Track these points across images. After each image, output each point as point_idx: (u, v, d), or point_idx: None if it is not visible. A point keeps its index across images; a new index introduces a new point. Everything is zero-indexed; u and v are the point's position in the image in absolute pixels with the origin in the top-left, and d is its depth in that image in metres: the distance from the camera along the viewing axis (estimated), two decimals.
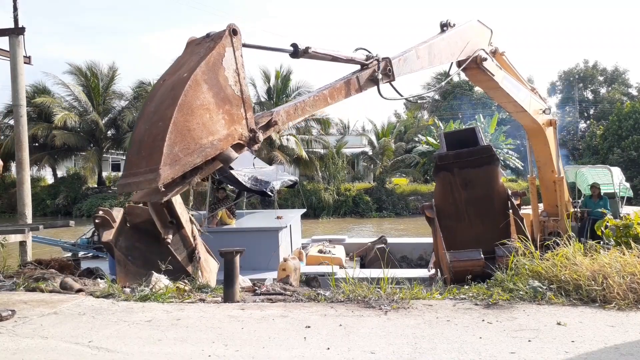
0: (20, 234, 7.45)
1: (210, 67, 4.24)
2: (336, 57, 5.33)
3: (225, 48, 4.33)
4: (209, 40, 4.50)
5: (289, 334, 3.13)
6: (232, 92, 4.39)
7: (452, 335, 3.05)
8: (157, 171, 3.86)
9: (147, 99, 4.71)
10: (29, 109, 27.40)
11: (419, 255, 13.83)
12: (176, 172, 4.03)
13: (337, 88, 5.38)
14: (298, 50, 4.92)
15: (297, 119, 5.51)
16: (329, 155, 33.25)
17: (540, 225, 10.49)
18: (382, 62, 5.69)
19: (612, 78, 48.40)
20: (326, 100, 5.28)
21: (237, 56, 4.41)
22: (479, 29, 7.79)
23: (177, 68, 4.63)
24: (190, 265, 6.20)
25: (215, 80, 4.27)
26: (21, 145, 8.38)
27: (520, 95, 8.65)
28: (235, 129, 4.42)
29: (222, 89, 4.31)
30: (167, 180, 3.95)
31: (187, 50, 4.80)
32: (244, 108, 4.48)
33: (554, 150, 9.77)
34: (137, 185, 4.10)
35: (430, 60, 6.70)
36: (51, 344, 2.99)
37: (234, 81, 4.40)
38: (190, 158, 4.11)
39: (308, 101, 5.13)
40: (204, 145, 4.18)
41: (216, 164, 4.55)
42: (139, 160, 4.15)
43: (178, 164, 4.03)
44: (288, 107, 5.04)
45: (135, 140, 4.38)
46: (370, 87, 5.72)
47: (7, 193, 32.84)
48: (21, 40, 8.27)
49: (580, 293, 3.73)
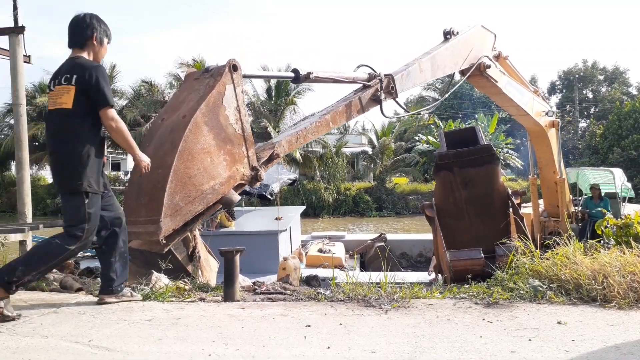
0: (20, 233, 7.45)
1: (211, 108, 4.07)
2: (337, 79, 5.26)
3: (226, 86, 4.17)
4: (208, 76, 4.31)
5: (289, 332, 3.12)
6: (234, 131, 4.24)
7: (453, 334, 3.04)
8: (158, 224, 3.74)
9: (145, 138, 4.52)
10: (29, 108, 27.39)
11: (418, 252, 13.85)
12: (177, 223, 3.91)
13: (340, 112, 5.26)
14: (300, 75, 4.86)
15: (299, 146, 5.39)
16: (329, 155, 33.23)
17: (541, 225, 10.49)
18: (384, 80, 5.59)
19: (612, 77, 48.41)
20: (328, 125, 5.19)
21: (237, 93, 4.25)
22: (483, 34, 7.77)
23: (175, 106, 4.44)
24: (191, 265, 6.19)
25: (216, 121, 4.12)
26: (21, 144, 8.37)
27: (524, 99, 8.65)
28: (237, 169, 4.29)
29: (223, 129, 4.16)
30: (168, 233, 3.84)
31: (186, 85, 4.62)
32: (245, 146, 4.34)
33: (556, 152, 9.77)
34: (137, 235, 4.00)
35: (433, 72, 6.61)
36: (51, 343, 2.99)
37: (235, 119, 4.24)
38: (191, 207, 3.97)
39: (310, 128, 5.01)
40: (205, 191, 4.05)
41: (217, 207, 4.43)
42: (138, 207, 4.00)
43: (179, 215, 3.89)
44: (289, 136, 4.94)
45: (134, 181, 4.20)
46: (373, 106, 5.63)
47: (7, 192, 32.91)
48: (21, 40, 8.26)
49: (581, 292, 3.73)
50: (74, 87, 3.38)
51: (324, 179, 33.71)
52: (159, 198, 3.77)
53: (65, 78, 3.40)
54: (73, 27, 3.58)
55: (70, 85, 3.38)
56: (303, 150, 31.74)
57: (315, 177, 33.51)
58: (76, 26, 3.57)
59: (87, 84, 3.40)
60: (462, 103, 45.43)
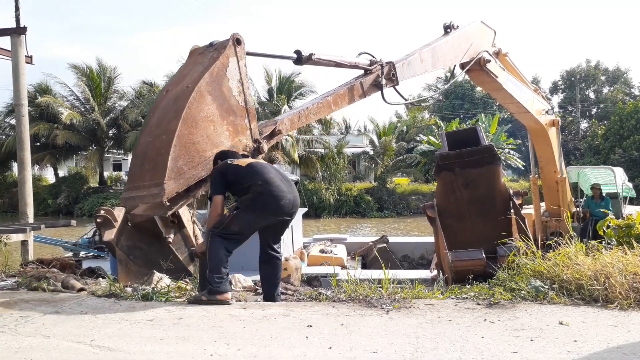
0: (22, 233, 7.47)
1: (214, 78, 4.15)
2: (340, 63, 5.29)
3: (229, 58, 4.25)
4: (212, 49, 4.39)
5: (290, 333, 3.12)
6: (236, 103, 4.31)
7: (454, 335, 3.04)
8: (162, 185, 3.80)
9: (150, 110, 4.62)
10: (30, 108, 27.41)
11: (420, 255, 13.81)
12: (181, 186, 3.95)
13: (341, 94, 5.31)
14: (302, 57, 4.89)
15: (301, 126, 5.43)
16: (330, 155, 33.21)
17: (542, 225, 10.48)
18: (385, 66, 5.62)
19: (614, 78, 48.29)
20: (330, 107, 5.23)
21: (240, 66, 4.33)
22: (483, 30, 7.77)
23: (180, 78, 4.53)
24: (192, 265, 6.20)
25: (219, 91, 4.19)
26: (23, 144, 8.40)
27: (523, 96, 8.64)
28: (240, 140, 4.35)
29: (226, 99, 4.23)
30: (171, 195, 3.89)
31: (190, 59, 4.70)
32: (248, 118, 4.40)
33: (557, 151, 9.76)
34: (141, 199, 4.04)
35: (433, 64, 6.65)
36: (53, 342, 2.99)
37: (238, 91, 4.31)
38: (194, 171, 4.04)
39: (312, 108, 5.07)
40: (209, 157, 4.11)
41: None
42: (143, 174, 4.07)
43: (182, 178, 3.95)
44: (292, 115, 5.00)
45: (139, 152, 4.30)
46: (374, 92, 5.66)
47: (9, 192, 32.92)
48: (23, 40, 8.29)
49: (582, 292, 3.72)
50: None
51: (325, 179, 33.69)
52: (163, 161, 3.87)
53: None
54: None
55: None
56: (304, 151, 31.75)
57: (316, 177, 33.49)
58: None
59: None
60: (463, 103, 45.37)
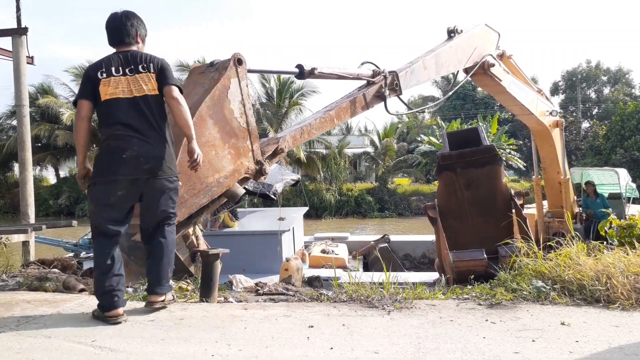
0: (23, 234, 7.47)
1: (215, 101, 4.08)
2: (342, 75, 5.25)
3: (231, 79, 4.17)
4: (213, 70, 4.30)
5: (292, 333, 3.12)
6: (238, 125, 4.25)
7: (456, 335, 3.04)
8: None
9: None
10: (31, 109, 27.46)
11: (421, 254, 13.82)
12: (182, 216, 3.90)
13: (344, 108, 5.26)
14: (304, 71, 4.85)
15: (303, 142, 5.37)
16: (331, 156, 33.23)
17: (545, 225, 10.47)
18: (388, 77, 5.58)
19: (615, 78, 48.23)
20: (332, 121, 5.19)
21: (242, 87, 4.25)
22: (487, 33, 7.75)
23: None
24: (193, 265, 6.19)
25: (221, 115, 4.12)
26: (24, 145, 8.40)
27: (527, 98, 8.64)
28: (242, 162, 4.30)
29: (227, 122, 4.17)
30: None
31: (191, 79, 4.60)
32: (250, 140, 4.34)
33: (560, 152, 9.75)
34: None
35: (437, 70, 6.60)
36: (54, 343, 2.99)
37: (240, 113, 4.24)
38: (196, 199, 3.98)
39: (314, 124, 5.02)
40: (210, 184, 4.06)
41: (222, 200, 4.42)
42: None
43: (184, 207, 3.89)
44: (294, 131, 4.95)
45: None
46: (378, 103, 5.63)
47: (10, 193, 32.99)
48: (24, 41, 8.28)
49: (584, 293, 3.71)
50: (153, 74, 3.46)
51: (326, 179, 33.71)
52: None
53: (143, 67, 3.47)
54: (119, 26, 3.59)
55: (149, 73, 3.46)
56: (306, 151, 31.76)
57: (317, 178, 33.50)
58: (123, 25, 3.58)
59: (160, 70, 3.49)
60: (464, 104, 45.33)
